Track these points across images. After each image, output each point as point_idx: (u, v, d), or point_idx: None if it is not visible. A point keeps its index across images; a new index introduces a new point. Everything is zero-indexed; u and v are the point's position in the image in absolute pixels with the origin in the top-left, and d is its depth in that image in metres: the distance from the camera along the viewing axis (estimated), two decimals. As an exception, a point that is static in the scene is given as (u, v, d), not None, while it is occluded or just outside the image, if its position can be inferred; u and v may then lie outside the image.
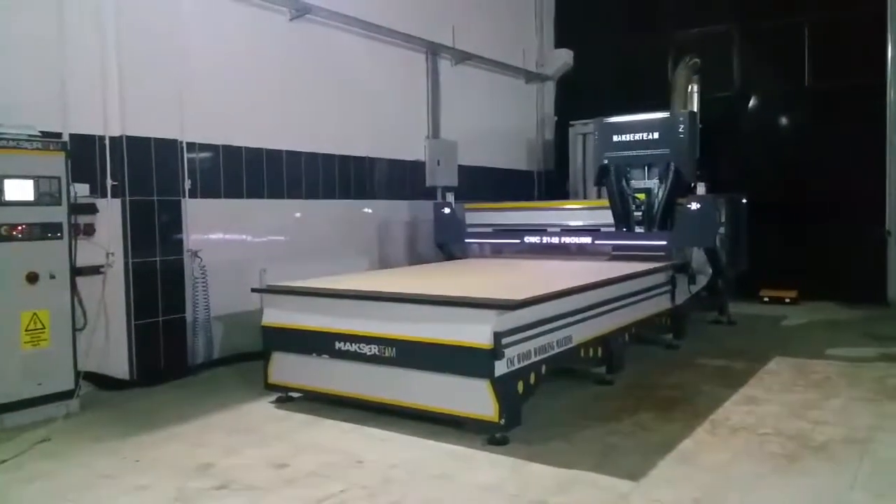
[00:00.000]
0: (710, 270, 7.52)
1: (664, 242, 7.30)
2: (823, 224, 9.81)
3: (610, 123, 7.67)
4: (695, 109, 9.14)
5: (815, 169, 9.89)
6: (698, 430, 4.68)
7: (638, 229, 7.51)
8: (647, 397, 5.45)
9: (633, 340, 6.35)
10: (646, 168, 7.49)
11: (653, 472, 3.98)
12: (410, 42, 9.05)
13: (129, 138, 5.99)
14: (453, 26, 9.69)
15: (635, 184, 7.57)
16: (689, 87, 9.52)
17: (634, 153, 7.43)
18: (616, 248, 7.62)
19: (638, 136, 7.40)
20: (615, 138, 7.54)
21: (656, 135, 7.33)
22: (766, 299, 9.91)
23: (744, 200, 8.70)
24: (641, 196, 7.50)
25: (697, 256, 7.39)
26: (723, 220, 7.58)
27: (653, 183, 7.46)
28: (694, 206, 7.02)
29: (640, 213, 7.50)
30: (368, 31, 8.39)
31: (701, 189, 7.14)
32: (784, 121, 10.53)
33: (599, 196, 10.03)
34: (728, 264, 7.81)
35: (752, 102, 10.61)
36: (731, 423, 4.80)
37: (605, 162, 7.60)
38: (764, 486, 3.84)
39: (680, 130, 7.24)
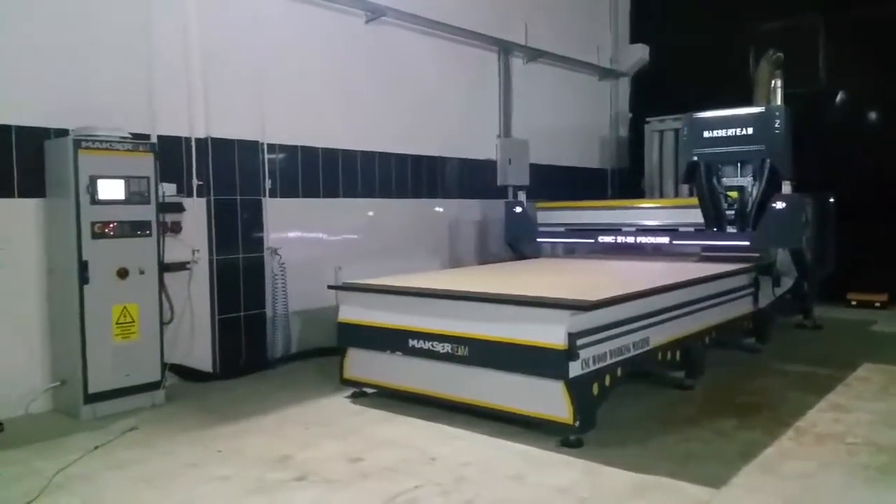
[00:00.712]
0: (795, 272, 7.25)
1: (748, 243, 7.06)
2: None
3: (700, 118, 7.43)
4: (780, 104, 8.81)
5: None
6: (782, 437, 4.52)
7: (730, 229, 7.25)
8: (728, 403, 5.30)
9: (714, 344, 6.18)
10: (738, 165, 7.24)
11: (734, 481, 3.87)
12: (482, 41, 9.06)
13: (214, 140, 6.22)
14: (525, 24, 9.64)
15: (727, 181, 7.33)
16: (773, 82, 9.14)
17: (727, 149, 7.18)
18: (706, 248, 7.36)
19: (731, 132, 7.15)
20: (706, 134, 7.30)
21: (750, 130, 7.06)
22: (854, 303, 9.50)
23: (831, 199, 8.37)
24: (733, 194, 7.24)
25: (782, 258, 7.14)
26: (809, 219, 7.29)
27: (746, 181, 7.20)
28: (779, 205, 6.78)
29: (732, 212, 7.23)
30: (441, 32, 8.45)
31: (786, 188, 6.88)
32: (873, 116, 10.06)
33: (677, 195, 9.83)
34: (814, 266, 7.54)
35: (839, 98, 10.16)
36: (817, 432, 4.63)
37: (695, 159, 7.35)
38: (853, 498, 3.69)
39: (776, 125, 6.97)
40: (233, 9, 6.32)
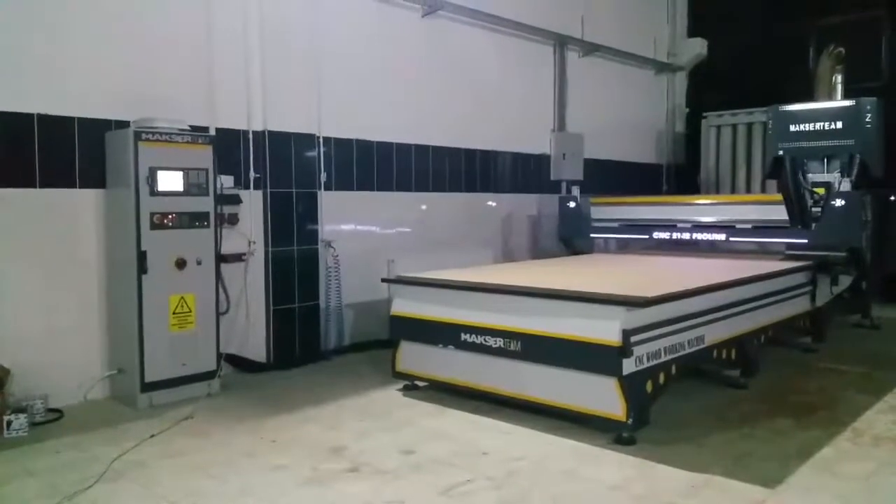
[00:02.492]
0: (854, 271, 7.05)
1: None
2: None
3: (786, 111, 7.28)
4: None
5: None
6: (839, 438, 4.46)
7: (815, 227, 6.99)
8: (784, 402, 5.21)
9: (770, 343, 6.08)
10: (824, 160, 7.05)
11: (790, 480, 3.82)
12: (538, 35, 9.00)
13: (271, 133, 6.31)
14: (582, 17, 9.55)
15: (812, 177, 7.14)
16: (833, 77, 8.92)
17: (814, 144, 7.01)
18: (789, 247, 7.09)
19: (819, 126, 7.00)
20: (792, 128, 7.16)
21: (839, 124, 6.91)
22: (914, 304, 9.20)
23: (892, 197, 8.10)
24: (820, 190, 7.05)
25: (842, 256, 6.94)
26: (869, 217, 7.09)
27: (833, 176, 7.02)
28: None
29: (818, 210, 7.00)
30: (496, 25, 8.42)
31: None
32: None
33: (734, 191, 9.64)
34: (873, 265, 7.34)
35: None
36: (875, 433, 4.55)
37: (780, 153, 7.20)
38: (914, 502, 3.61)
39: (867, 119, 6.79)
40: (292, 3, 6.40)
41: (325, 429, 4.74)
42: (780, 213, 6.99)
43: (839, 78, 8.97)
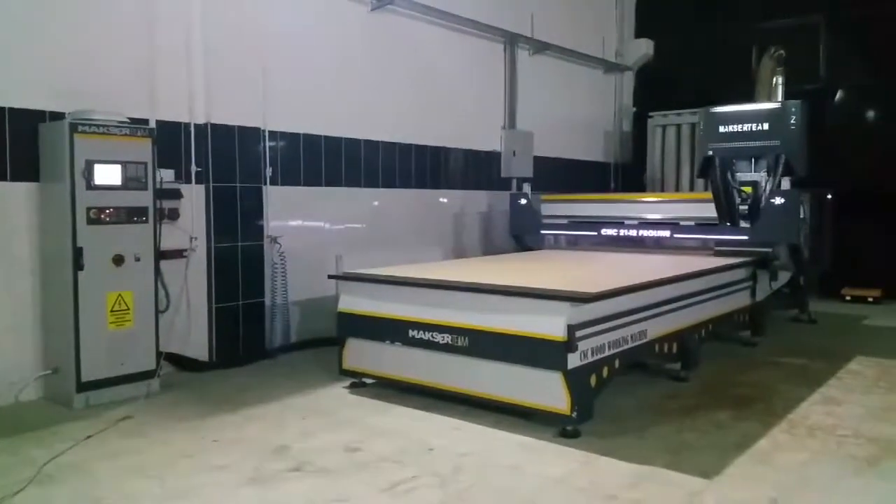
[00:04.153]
0: (792, 267, 7.26)
1: (746, 237, 7.05)
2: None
3: (716, 113, 7.45)
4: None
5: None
6: (775, 429, 4.56)
7: (742, 224, 7.24)
8: (723, 395, 5.32)
9: (710, 337, 6.20)
10: (752, 160, 7.24)
11: (727, 471, 3.89)
12: (489, 32, 9.01)
13: (214, 126, 6.17)
14: (532, 15, 9.59)
15: (741, 176, 7.32)
16: (774, 79, 9.17)
17: (742, 144, 7.19)
18: (718, 243, 7.29)
19: (746, 127, 7.17)
20: (721, 129, 7.33)
21: (766, 125, 7.09)
22: (848, 298, 9.56)
23: (829, 196, 8.36)
24: (747, 189, 7.25)
25: (779, 252, 7.13)
26: (806, 215, 7.28)
27: (759, 176, 7.20)
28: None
29: (745, 207, 7.22)
30: (447, 21, 8.41)
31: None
32: (872, 114, 10.08)
33: (678, 189, 9.83)
34: (810, 261, 7.54)
35: (838, 95, 10.16)
36: (810, 424, 4.67)
37: (710, 153, 7.36)
38: (843, 488, 3.72)
39: (792, 121, 6.99)
40: (235, -5, 6.28)
41: (268, 428, 4.66)
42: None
43: (780, 79, 9.23)
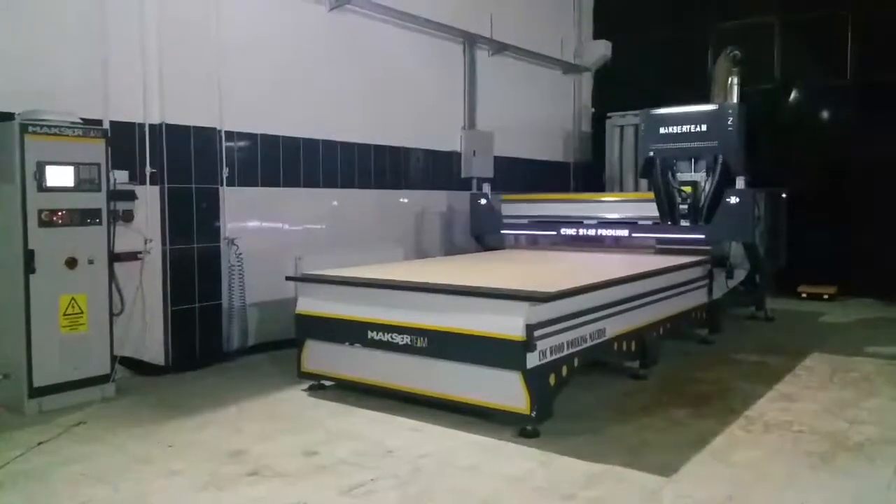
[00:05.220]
0: (748, 265, 7.39)
1: (703, 236, 7.17)
2: (865, 220, 9.58)
3: (656, 115, 7.56)
4: (734, 101, 8.96)
5: (856, 164, 9.67)
6: (732, 426, 4.62)
7: (683, 223, 7.38)
8: (681, 393, 5.38)
9: (668, 335, 6.25)
10: (692, 161, 7.38)
11: (685, 468, 3.93)
12: (448, 32, 9.01)
13: (169, 126, 6.07)
14: (491, 16, 9.61)
15: (681, 176, 7.45)
16: (730, 79, 9.27)
17: (681, 145, 7.31)
18: (660, 241, 7.48)
19: (685, 129, 7.28)
20: (661, 130, 7.44)
21: (704, 127, 7.21)
22: (804, 295, 9.73)
23: (784, 195, 8.53)
24: (688, 189, 7.37)
25: (736, 251, 7.26)
26: (762, 214, 7.43)
27: (699, 176, 7.34)
28: (733, 199, 6.89)
29: (685, 207, 7.36)
30: (406, 22, 8.38)
31: (740, 182, 7.00)
32: (826, 114, 10.30)
33: (636, 189, 9.94)
34: (766, 259, 7.67)
35: (793, 95, 10.38)
36: (766, 420, 4.74)
37: (651, 154, 7.48)
38: (798, 484, 3.78)
39: (729, 123, 7.12)
40: (190, -6, 6.19)
41: (225, 432, 4.60)
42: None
43: (735, 80, 9.37)
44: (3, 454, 4.14)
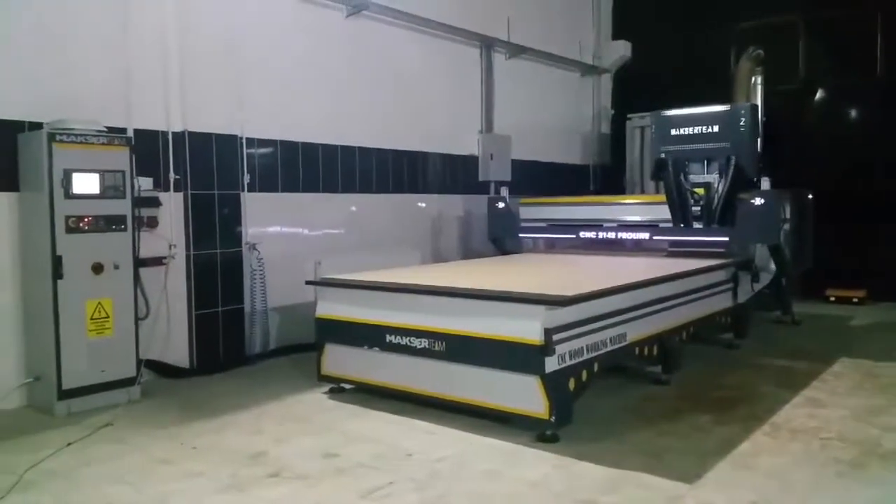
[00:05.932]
0: (774, 268, 7.29)
1: (726, 238, 7.10)
2: (895, 221, 9.40)
3: (667, 116, 7.52)
4: (758, 102, 8.87)
5: (885, 164, 9.51)
6: (757, 432, 4.54)
7: (695, 225, 7.33)
8: (704, 398, 5.31)
9: (692, 339, 6.19)
10: (705, 162, 7.33)
11: (707, 475, 3.87)
12: (464, 36, 9.03)
13: (191, 134, 6.17)
14: (508, 19, 9.60)
15: (694, 178, 7.40)
16: (753, 79, 9.22)
17: (693, 147, 7.27)
18: (673, 244, 7.44)
19: (697, 130, 7.23)
20: (673, 132, 7.39)
21: (716, 128, 7.15)
22: (832, 299, 9.55)
23: (810, 196, 8.40)
24: (700, 191, 7.32)
25: (761, 253, 7.18)
26: (787, 215, 7.34)
27: (712, 177, 7.29)
28: (757, 201, 6.82)
29: (698, 209, 7.32)
30: (423, 27, 8.41)
31: (765, 184, 6.92)
32: (853, 114, 10.13)
33: (658, 191, 9.85)
34: (792, 262, 7.57)
35: (818, 95, 10.23)
36: (792, 427, 4.65)
37: (663, 156, 7.44)
38: (825, 493, 3.70)
39: (741, 123, 7.06)
40: (211, 3, 6.25)
41: (246, 434, 4.65)
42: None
43: (758, 80, 9.29)
44: (34, 454, 4.24)
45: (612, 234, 7.77)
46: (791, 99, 10.07)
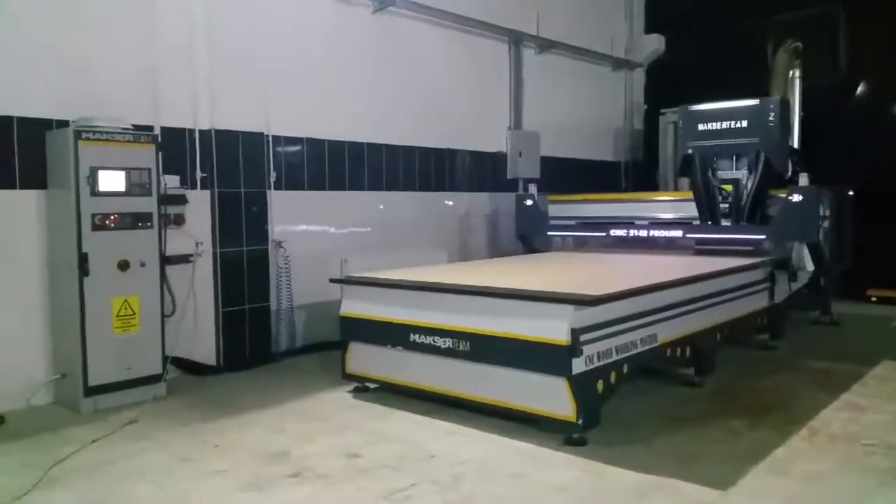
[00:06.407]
0: (812, 267, 7.08)
1: (762, 237, 6.92)
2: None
3: (694, 111, 7.38)
4: (796, 96, 8.63)
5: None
6: (794, 437, 4.39)
7: (723, 222, 7.18)
8: (739, 401, 5.16)
9: (726, 341, 6.03)
10: (733, 158, 7.18)
11: (741, 482, 3.75)
12: (493, 31, 8.92)
13: (218, 131, 6.16)
14: (538, 13, 9.48)
15: (722, 175, 7.27)
16: (791, 72, 8.98)
17: (721, 142, 7.12)
18: (699, 242, 7.27)
19: (725, 125, 7.09)
20: (700, 127, 7.26)
21: (745, 123, 7.00)
22: (873, 299, 9.27)
23: (850, 192, 8.15)
24: (728, 187, 7.19)
25: (798, 251, 6.97)
26: (827, 212, 7.11)
27: (741, 174, 7.15)
28: (796, 197, 6.62)
29: (726, 206, 7.17)
30: (450, 22, 8.33)
31: (803, 180, 6.72)
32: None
33: (677, 188, 9.67)
34: (832, 260, 7.34)
35: (860, 89, 9.92)
36: (831, 432, 4.49)
37: (690, 151, 7.31)
38: (865, 502, 3.56)
39: (770, 118, 6.90)
40: (239, 1, 6.25)
41: (270, 433, 4.63)
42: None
43: (797, 73, 9.04)
44: (60, 450, 4.27)
45: (643, 232, 7.60)
46: (831, 93, 9.77)
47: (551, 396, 4.27)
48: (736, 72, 9.95)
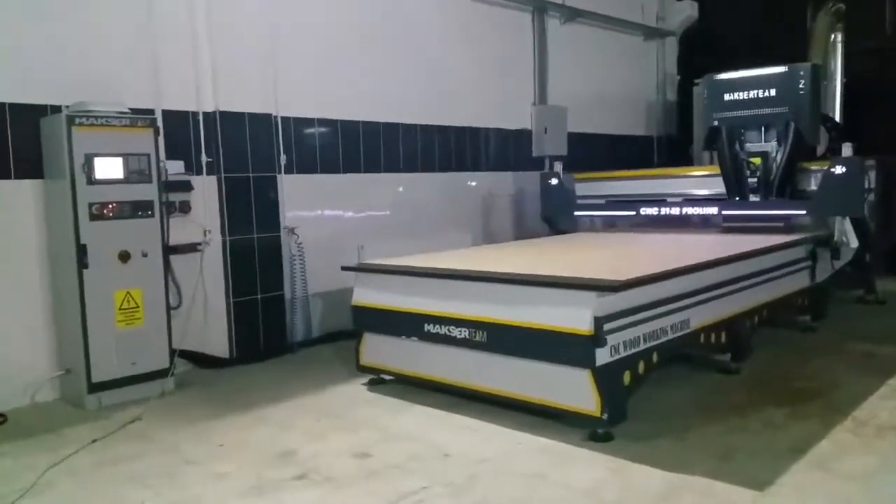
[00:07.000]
0: (856, 243, 6.66)
1: (802, 212, 6.54)
2: None
3: (720, 80, 7.07)
4: (838, 62, 8.16)
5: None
6: (838, 429, 4.10)
7: (752, 197, 6.84)
8: (778, 389, 4.84)
9: (764, 324, 5.69)
10: (762, 129, 6.84)
11: (781, 480, 3.46)
12: (515, 1, 8.56)
13: (223, 113, 5.94)
14: (562, -20, 9.08)
15: (750, 147, 6.94)
16: (832, 37, 8.51)
17: (749, 112, 6.80)
18: (729, 219, 6.94)
19: (752, 94, 6.78)
20: (726, 97, 6.96)
21: (773, 92, 6.68)
22: (923, 276, 8.79)
23: (897, 163, 7.68)
24: (756, 160, 6.85)
25: (841, 227, 6.55)
26: (872, 185, 6.72)
27: (770, 146, 6.81)
28: (838, 169, 6.25)
29: (754, 180, 6.84)
30: (469, -8, 7.98)
31: (847, 150, 6.35)
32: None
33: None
34: (877, 236, 6.97)
35: (908, 53, 9.38)
36: (879, 422, 4.18)
37: (716, 123, 6.99)
38: (920, 504, 3.26)
39: (801, 86, 6.56)
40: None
41: (277, 430, 4.43)
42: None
43: (839, 37, 8.56)
44: (58, 451, 4.13)
45: (675, 210, 7.22)
46: (875, 57, 9.25)
47: (574, 389, 3.99)
48: (774, 38, 9.51)
